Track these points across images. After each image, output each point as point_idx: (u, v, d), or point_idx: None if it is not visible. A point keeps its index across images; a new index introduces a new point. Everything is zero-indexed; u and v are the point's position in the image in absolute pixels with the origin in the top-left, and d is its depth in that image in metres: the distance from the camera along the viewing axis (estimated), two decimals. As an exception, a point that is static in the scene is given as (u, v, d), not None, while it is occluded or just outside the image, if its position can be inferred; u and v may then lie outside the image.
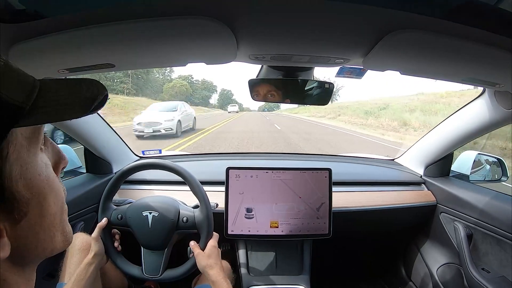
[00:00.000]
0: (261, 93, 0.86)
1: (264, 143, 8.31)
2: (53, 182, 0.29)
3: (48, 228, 0.28)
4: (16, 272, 0.27)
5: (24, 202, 0.25)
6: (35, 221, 0.27)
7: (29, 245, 0.27)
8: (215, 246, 0.90)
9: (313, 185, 1.12)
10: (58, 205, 0.30)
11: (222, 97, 70.89)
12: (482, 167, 1.31)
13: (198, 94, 57.51)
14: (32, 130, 0.26)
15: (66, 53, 0.59)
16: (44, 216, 0.28)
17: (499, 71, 0.66)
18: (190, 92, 50.56)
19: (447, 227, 1.27)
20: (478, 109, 1.04)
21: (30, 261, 0.28)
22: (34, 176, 0.26)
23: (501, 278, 1.04)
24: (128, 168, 0.97)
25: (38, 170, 0.27)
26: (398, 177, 1.43)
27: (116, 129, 1.31)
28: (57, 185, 0.30)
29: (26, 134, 0.26)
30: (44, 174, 0.28)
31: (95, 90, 0.26)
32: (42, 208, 0.27)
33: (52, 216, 0.29)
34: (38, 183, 0.27)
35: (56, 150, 0.32)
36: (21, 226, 0.26)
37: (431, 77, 0.76)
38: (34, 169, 0.27)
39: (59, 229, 0.30)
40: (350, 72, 0.85)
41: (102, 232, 0.92)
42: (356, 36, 0.56)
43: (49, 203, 0.28)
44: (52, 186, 0.29)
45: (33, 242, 0.27)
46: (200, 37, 0.55)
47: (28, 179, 0.26)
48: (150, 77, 37.30)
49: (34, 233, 0.27)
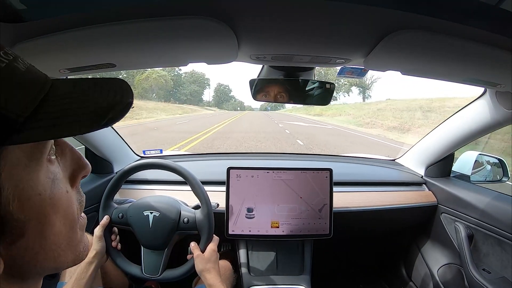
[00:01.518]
0: (262, 93, 0.86)
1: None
2: (59, 200, 0.25)
3: (50, 248, 0.25)
4: (16, 282, 0.25)
5: (19, 223, 0.22)
6: (34, 242, 0.24)
7: (26, 265, 0.24)
8: (214, 250, 0.90)
9: (314, 185, 1.12)
10: (67, 223, 0.26)
11: (218, 94, 62.85)
12: (483, 168, 1.30)
13: (186, 88, 48.60)
14: (33, 143, 0.23)
15: (67, 53, 0.59)
16: (46, 237, 0.25)
17: (500, 72, 0.66)
18: (170, 86, 42.52)
19: (448, 227, 1.27)
20: (479, 109, 1.04)
21: (30, 277, 0.26)
22: (33, 196, 0.23)
23: (502, 278, 1.04)
24: (129, 168, 0.97)
25: (39, 189, 0.24)
26: (399, 178, 1.43)
27: (117, 128, 1.32)
28: (66, 202, 0.26)
29: (25, 147, 0.22)
30: (47, 193, 0.24)
31: (118, 96, 0.23)
32: (43, 229, 0.24)
33: (56, 236, 0.25)
34: (38, 203, 0.24)
35: (76, 157, 0.28)
36: (17, 247, 0.23)
37: (432, 77, 0.76)
38: (33, 188, 0.23)
39: (67, 248, 0.27)
40: (351, 72, 0.85)
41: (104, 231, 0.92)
42: (357, 36, 0.56)
43: (52, 223, 0.25)
44: (58, 205, 0.25)
45: (31, 262, 0.24)
46: (201, 37, 0.55)
47: (25, 199, 0.23)
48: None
49: (33, 253, 0.24)
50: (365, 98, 43.14)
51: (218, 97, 62.99)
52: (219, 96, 63.25)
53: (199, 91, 54.83)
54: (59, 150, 0.28)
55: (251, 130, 13.16)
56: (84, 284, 0.82)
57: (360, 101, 40.55)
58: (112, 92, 0.23)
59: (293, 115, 31.58)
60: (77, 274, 0.83)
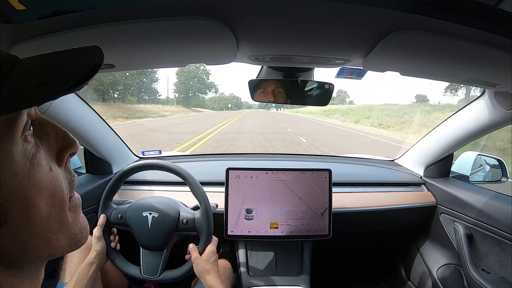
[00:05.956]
0: (261, 94, 0.86)
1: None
2: (41, 181, 0.24)
3: (40, 233, 0.24)
4: (11, 273, 0.24)
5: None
6: (20, 228, 0.23)
7: (17, 253, 0.23)
8: (213, 251, 0.90)
9: (313, 186, 1.12)
10: (55, 205, 0.25)
11: (185, 83, 38.27)
12: (482, 168, 1.31)
13: (130, 84, 33.93)
14: (3, 118, 0.21)
15: None
16: (33, 222, 0.23)
17: (499, 72, 0.66)
18: (107, 83, 29.72)
19: (447, 227, 1.27)
20: (478, 109, 1.04)
21: (24, 265, 0.25)
22: (10, 178, 0.22)
23: (501, 279, 1.04)
24: (128, 169, 0.97)
25: (15, 169, 0.22)
26: (398, 178, 1.43)
27: (116, 128, 1.31)
28: (51, 182, 0.25)
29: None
30: (25, 172, 0.23)
31: (88, 57, 0.22)
32: (27, 213, 0.23)
33: (44, 219, 0.24)
34: (16, 185, 0.22)
35: (61, 134, 0.27)
36: (1, 234, 0.22)
37: (431, 77, 0.76)
38: (8, 167, 0.22)
39: (58, 231, 0.26)
40: (350, 73, 0.85)
41: (102, 231, 0.92)
42: (356, 37, 0.56)
43: (37, 205, 0.24)
44: (40, 186, 0.24)
45: (22, 249, 0.24)
46: (200, 38, 0.55)
47: (1, 182, 0.21)
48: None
49: (21, 240, 0.23)
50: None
51: (185, 88, 39.12)
52: (188, 87, 39.22)
53: (147, 85, 37.37)
54: (39, 129, 0.26)
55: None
56: (85, 285, 0.82)
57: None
58: (79, 56, 0.22)
59: (294, 116, 28.39)
60: (78, 275, 0.83)
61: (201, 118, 19.65)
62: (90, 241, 0.91)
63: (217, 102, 51.55)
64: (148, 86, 39.28)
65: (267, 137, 10.50)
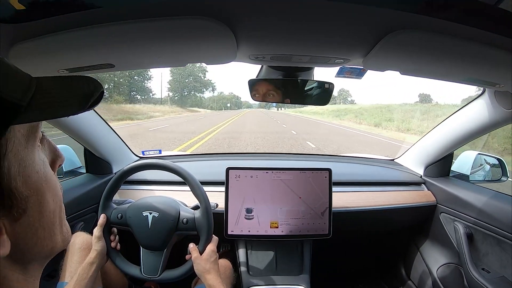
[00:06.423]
0: (261, 93, 0.86)
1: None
2: (50, 180, 0.29)
3: (47, 225, 0.28)
4: (17, 270, 0.27)
5: (23, 199, 0.25)
6: (34, 218, 0.27)
7: (28, 243, 0.27)
8: (214, 250, 0.90)
9: (313, 185, 1.12)
10: (57, 203, 0.30)
11: (176, 85, 36.74)
12: (482, 167, 1.31)
13: (121, 82, 33.14)
14: (29, 128, 0.26)
15: (66, 53, 0.59)
16: (43, 214, 0.28)
17: (499, 71, 0.66)
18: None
19: (447, 227, 1.27)
20: (478, 109, 1.04)
21: (31, 259, 0.28)
22: (33, 173, 0.27)
23: (501, 278, 1.04)
24: (129, 168, 0.97)
25: (36, 168, 0.27)
26: (398, 177, 1.43)
27: (116, 128, 1.31)
28: (55, 183, 0.30)
29: (23, 132, 0.26)
30: (42, 172, 0.28)
31: (91, 86, 0.27)
32: (40, 206, 0.27)
33: (51, 213, 0.29)
34: (37, 181, 0.27)
35: (52, 147, 0.32)
36: (20, 224, 0.26)
37: (431, 77, 0.76)
38: (32, 166, 0.27)
39: (58, 227, 0.30)
40: (350, 72, 0.85)
41: (102, 231, 0.92)
42: (356, 36, 0.56)
43: (47, 200, 0.28)
44: (50, 184, 0.29)
45: (32, 239, 0.27)
46: (200, 38, 0.55)
47: (27, 176, 0.26)
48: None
49: (34, 230, 0.27)
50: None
51: (180, 86, 36.64)
52: (183, 85, 36.50)
53: (138, 84, 34.48)
54: (41, 141, 0.31)
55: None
56: (85, 285, 0.82)
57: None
58: (87, 84, 0.27)
59: (299, 116, 25.88)
60: (78, 275, 0.83)
61: (190, 121, 17.83)
62: (90, 241, 0.91)
63: (216, 101, 50.59)
64: (140, 84, 38.15)
65: (266, 137, 10.20)
